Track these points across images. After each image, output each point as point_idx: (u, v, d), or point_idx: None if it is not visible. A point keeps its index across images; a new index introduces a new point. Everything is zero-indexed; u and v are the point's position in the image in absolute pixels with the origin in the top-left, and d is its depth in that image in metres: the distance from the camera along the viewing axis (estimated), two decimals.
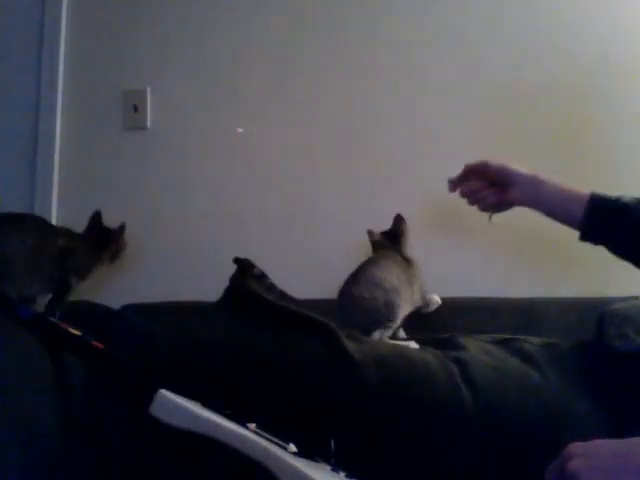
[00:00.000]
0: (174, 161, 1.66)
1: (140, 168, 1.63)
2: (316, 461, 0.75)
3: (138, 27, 1.70)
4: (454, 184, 1.09)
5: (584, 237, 1.00)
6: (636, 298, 1.12)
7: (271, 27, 1.68)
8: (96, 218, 1.39)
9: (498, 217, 1.10)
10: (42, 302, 1.28)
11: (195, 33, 1.69)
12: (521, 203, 1.04)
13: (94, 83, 1.63)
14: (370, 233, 1.34)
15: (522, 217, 1.12)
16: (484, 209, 1.08)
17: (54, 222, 1.59)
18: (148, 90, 1.67)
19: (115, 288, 1.56)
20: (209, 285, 1.37)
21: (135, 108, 1.67)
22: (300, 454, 0.74)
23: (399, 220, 1.33)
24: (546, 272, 1.45)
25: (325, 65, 1.66)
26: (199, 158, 1.65)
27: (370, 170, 1.60)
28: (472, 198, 1.08)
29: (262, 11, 1.68)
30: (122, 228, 1.38)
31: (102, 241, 1.35)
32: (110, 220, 1.45)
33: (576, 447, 0.68)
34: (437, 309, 1.35)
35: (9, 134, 1.69)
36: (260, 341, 1.05)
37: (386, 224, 1.39)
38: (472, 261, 1.54)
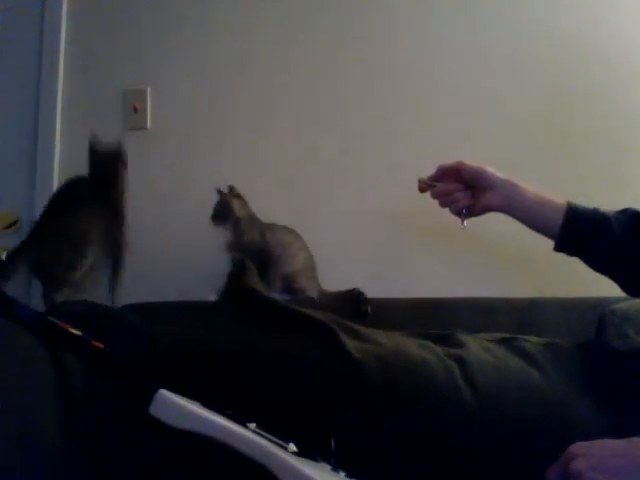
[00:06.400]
0: (174, 161, 1.66)
1: (140, 168, 1.63)
2: (316, 461, 0.75)
3: (138, 27, 1.71)
4: (425, 184, 1.04)
5: (560, 246, 0.96)
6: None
7: (272, 25, 1.68)
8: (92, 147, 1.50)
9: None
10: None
11: (195, 33, 1.69)
12: (496, 208, 1.00)
13: (94, 83, 1.63)
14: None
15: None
16: (456, 212, 1.02)
17: None
18: (148, 90, 1.67)
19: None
20: (209, 285, 1.38)
21: (135, 108, 1.67)
22: (300, 454, 0.74)
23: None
24: (546, 272, 1.45)
25: (327, 65, 1.66)
26: (199, 158, 1.65)
27: (371, 169, 1.60)
28: (443, 200, 1.02)
29: (262, 10, 1.68)
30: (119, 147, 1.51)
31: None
32: None
33: (578, 447, 0.68)
34: (437, 309, 1.35)
35: (9, 134, 1.69)
36: (260, 341, 1.05)
37: (383, 223, 1.40)
38: (472, 262, 1.54)
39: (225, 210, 1.47)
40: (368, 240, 1.57)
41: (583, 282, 1.15)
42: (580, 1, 1.63)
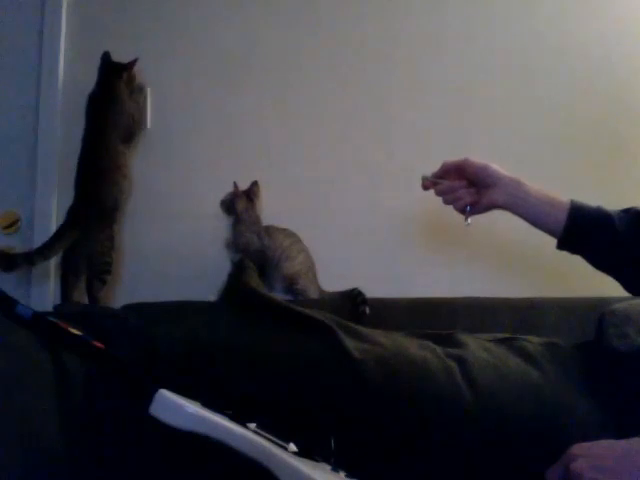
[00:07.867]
0: (174, 161, 1.66)
1: (140, 168, 1.63)
2: (316, 461, 0.75)
3: (138, 27, 1.70)
4: (429, 181, 1.03)
5: (563, 244, 0.95)
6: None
7: (272, 25, 1.67)
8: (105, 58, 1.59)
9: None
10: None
11: (195, 33, 1.69)
12: (500, 205, 0.99)
13: (94, 83, 1.63)
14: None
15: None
16: (460, 209, 1.01)
17: (54, 222, 1.59)
18: (148, 90, 1.67)
19: (115, 288, 1.55)
20: (209, 285, 1.38)
21: None
22: (300, 454, 0.74)
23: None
24: (546, 272, 1.45)
25: (328, 64, 1.65)
26: (199, 158, 1.65)
27: (371, 169, 1.60)
28: (447, 197, 1.02)
29: (262, 10, 1.68)
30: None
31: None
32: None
33: (579, 448, 0.68)
34: (437, 309, 1.35)
35: (9, 134, 1.69)
36: (260, 341, 1.06)
37: (383, 224, 1.39)
38: (472, 262, 1.54)
39: (229, 205, 1.52)
40: (368, 240, 1.57)
41: (583, 282, 1.15)
42: (580, 1, 1.63)
